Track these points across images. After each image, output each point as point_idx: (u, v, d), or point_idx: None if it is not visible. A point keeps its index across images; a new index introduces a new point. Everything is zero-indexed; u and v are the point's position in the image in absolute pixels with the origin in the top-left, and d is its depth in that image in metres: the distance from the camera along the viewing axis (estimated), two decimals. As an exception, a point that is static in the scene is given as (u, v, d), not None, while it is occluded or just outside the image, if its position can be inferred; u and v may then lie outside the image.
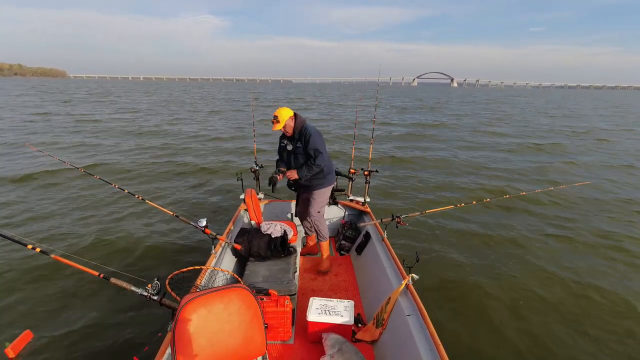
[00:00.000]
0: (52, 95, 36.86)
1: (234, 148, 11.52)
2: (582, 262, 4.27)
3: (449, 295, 3.59)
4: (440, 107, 32.45)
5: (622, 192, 6.88)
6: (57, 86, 65.29)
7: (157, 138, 13.19)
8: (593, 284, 3.81)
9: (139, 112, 21.62)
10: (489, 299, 3.55)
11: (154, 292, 1.89)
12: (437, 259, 4.26)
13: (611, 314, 3.36)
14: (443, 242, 4.74)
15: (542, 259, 4.30)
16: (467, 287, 3.74)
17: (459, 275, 3.95)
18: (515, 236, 4.94)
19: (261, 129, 12.31)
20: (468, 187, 7.21)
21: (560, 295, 3.65)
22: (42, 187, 7.19)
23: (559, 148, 12.06)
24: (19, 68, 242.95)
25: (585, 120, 22.56)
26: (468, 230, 5.12)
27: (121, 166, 8.93)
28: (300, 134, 3.00)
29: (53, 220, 5.43)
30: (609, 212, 5.88)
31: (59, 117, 18.14)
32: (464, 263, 4.21)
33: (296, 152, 3.06)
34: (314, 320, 2.34)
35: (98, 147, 11.13)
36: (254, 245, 2.96)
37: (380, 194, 6.61)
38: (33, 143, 11.18)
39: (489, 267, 4.14)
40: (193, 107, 26.51)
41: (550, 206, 6.06)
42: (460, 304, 3.46)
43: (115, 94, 41.88)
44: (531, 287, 3.74)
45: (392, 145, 11.99)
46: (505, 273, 4.01)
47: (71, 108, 23.07)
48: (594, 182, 7.25)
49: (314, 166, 3.00)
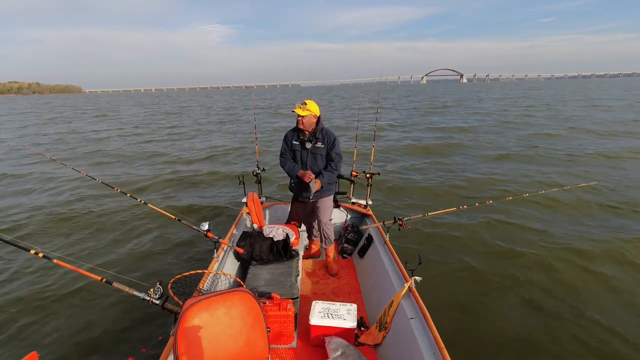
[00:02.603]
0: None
1: (236, 151, 11.56)
2: (594, 265, 4.21)
3: (453, 298, 3.56)
4: (466, 105, 29.43)
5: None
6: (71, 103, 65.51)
7: (159, 143, 13.26)
8: (607, 287, 3.76)
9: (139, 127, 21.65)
10: (493, 302, 3.52)
11: (156, 296, 1.89)
12: (440, 262, 4.24)
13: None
14: (446, 245, 4.72)
15: (552, 260, 4.26)
16: (471, 289, 3.72)
17: (462, 277, 3.93)
18: (520, 236, 4.91)
19: (263, 132, 12.33)
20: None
21: (568, 298, 3.61)
22: (39, 189, 7.23)
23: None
24: (37, 86, 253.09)
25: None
26: (471, 232, 5.09)
27: (125, 171, 8.97)
28: (323, 135, 2.94)
29: (54, 225, 5.45)
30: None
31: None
32: (468, 265, 4.18)
33: (315, 152, 2.97)
34: (317, 324, 2.32)
35: (101, 152, 11.20)
36: (256, 249, 2.95)
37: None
38: (37, 149, 11.25)
39: (492, 269, 4.11)
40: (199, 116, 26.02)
41: (553, 208, 6.01)
42: (464, 307, 3.43)
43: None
44: (537, 289, 3.70)
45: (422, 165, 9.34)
46: (510, 275, 3.97)
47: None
48: (597, 184, 7.17)
49: (335, 171, 2.97)
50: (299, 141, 3.00)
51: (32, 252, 1.76)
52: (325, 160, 3.00)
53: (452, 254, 4.45)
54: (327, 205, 3.23)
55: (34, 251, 1.76)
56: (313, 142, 2.95)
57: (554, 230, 5.13)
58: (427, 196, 6.90)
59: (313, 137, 2.96)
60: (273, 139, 13.55)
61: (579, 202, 6.21)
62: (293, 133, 3.06)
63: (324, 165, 3.03)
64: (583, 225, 5.32)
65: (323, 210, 3.21)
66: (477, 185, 7.52)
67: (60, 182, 7.79)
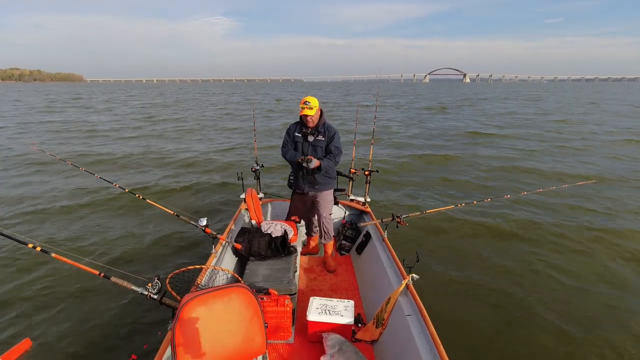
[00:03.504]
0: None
1: (235, 147, 11.53)
2: (592, 264, 4.24)
3: (450, 296, 3.59)
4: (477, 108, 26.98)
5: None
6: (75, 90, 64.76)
7: (158, 139, 13.21)
8: (603, 285, 3.78)
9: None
10: (490, 299, 3.54)
11: (154, 291, 1.89)
12: (437, 259, 4.25)
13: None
14: (444, 242, 4.73)
15: (546, 260, 4.29)
16: (468, 287, 3.74)
17: (460, 275, 3.95)
18: (518, 235, 4.94)
19: (262, 129, 12.30)
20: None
21: (564, 294, 3.64)
22: (40, 185, 7.20)
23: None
24: (38, 74, 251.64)
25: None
26: (469, 230, 5.11)
27: (121, 163, 8.94)
28: (324, 129, 3.07)
29: (53, 219, 5.44)
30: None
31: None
32: (465, 263, 4.20)
33: (316, 145, 3.08)
34: (314, 320, 2.33)
35: (99, 147, 11.15)
36: (254, 245, 2.95)
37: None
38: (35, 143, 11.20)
39: (490, 266, 4.13)
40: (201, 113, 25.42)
41: (553, 205, 6.04)
42: (461, 305, 3.45)
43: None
44: (534, 286, 3.73)
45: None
46: (507, 272, 4.00)
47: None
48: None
49: (333, 161, 3.07)
50: (302, 133, 3.10)
51: (29, 245, 1.76)
52: (325, 152, 3.10)
53: (450, 252, 4.47)
54: (328, 200, 3.28)
55: (32, 245, 1.76)
56: (315, 135, 3.07)
57: (554, 228, 5.16)
58: (426, 194, 6.91)
59: (315, 131, 3.06)
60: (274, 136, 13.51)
61: (578, 199, 6.25)
62: (296, 126, 3.17)
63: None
64: (571, 219, 5.34)
65: (323, 204, 3.24)
66: (477, 185, 7.54)
67: (57, 177, 7.77)
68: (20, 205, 6.01)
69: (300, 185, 3.20)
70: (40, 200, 6.30)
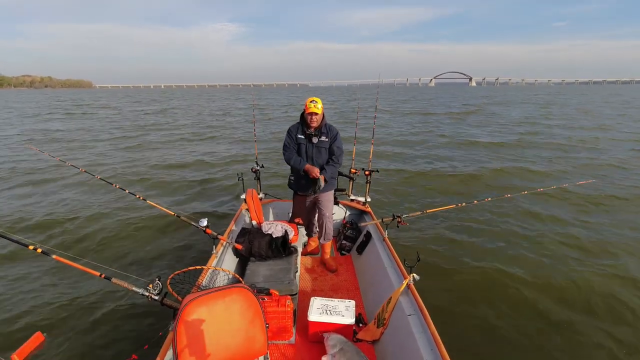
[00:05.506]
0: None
1: (235, 148, 11.53)
2: (593, 263, 4.23)
3: (451, 295, 3.58)
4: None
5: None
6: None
7: (158, 142, 13.22)
8: (605, 286, 3.77)
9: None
10: (491, 299, 3.54)
11: (155, 292, 1.89)
12: (438, 259, 4.25)
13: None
14: (444, 242, 4.73)
15: (546, 259, 4.28)
16: (469, 286, 3.73)
17: (461, 274, 3.94)
18: (518, 234, 4.93)
19: (262, 130, 12.30)
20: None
21: (563, 294, 3.63)
22: (40, 186, 7.20)
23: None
24: (49, 80, 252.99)
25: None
26: (470, 229, 5.10)
27: (121, 166, 8.95)
28: (327, 129, 3.07)
29: (53, 221, 5.44)
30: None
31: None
32: (466, 262, 4.19)
33: (320, 146, 3.07)
34: (315, 320, 2.33)
35: (96, 148, 11.15)
36: (255, 245, 2.95)
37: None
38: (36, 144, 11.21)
39: (491, 266, 4.12)
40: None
41: (551, 204, 6.03)
42: (462, 304, 3.45)
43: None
44: (535, 286, 3.72)
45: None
46: (507, 272, 3.99)
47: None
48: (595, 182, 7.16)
49: (336, 164, 3.07)
50: (305, 135, 3.07)
51: (30, 247, 1.75)
52: (328, 153, 3.10)
53: (450, 251, 4.47)
54: (329, 199, 3.28)
55: (33, 247, 1.76)
56: (319, 136, 3.05)
57: (554, 226, 5.15)
58: (426, 193, 6.91)
59: (319, 132, 3.04)
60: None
61: (578, 198, 6.25)
62: (297, 127, 3.12)
63: (327, 159, 3.12)
64: (573, 218, 5.33)
65: (325, 204, 3.24)
66: (476, 184, 7.54)
67: (60, 178, 7.77)
68: (20, 208, 6.01)
69: (302, 187, 3.19)
70: (39, 201, 6.30)
